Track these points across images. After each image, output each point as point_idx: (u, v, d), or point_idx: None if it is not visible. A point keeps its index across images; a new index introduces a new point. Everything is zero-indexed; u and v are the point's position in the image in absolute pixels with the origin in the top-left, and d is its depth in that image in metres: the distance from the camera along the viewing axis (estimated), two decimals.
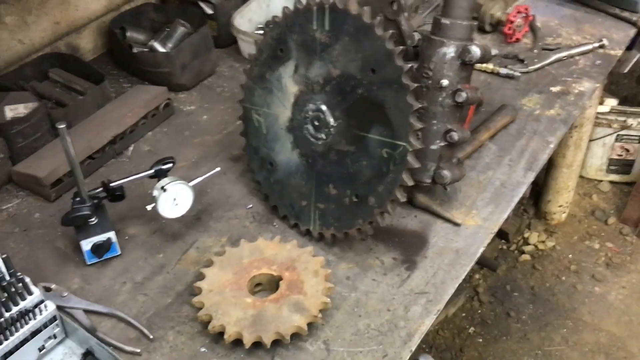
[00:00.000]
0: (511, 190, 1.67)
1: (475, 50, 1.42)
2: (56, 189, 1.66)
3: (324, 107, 1.45)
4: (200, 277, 1.39)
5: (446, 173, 1.51)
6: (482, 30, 2.26)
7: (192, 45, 2.00)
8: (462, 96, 1.45)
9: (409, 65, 1.30)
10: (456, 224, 1.57)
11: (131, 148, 1.84)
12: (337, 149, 1.44)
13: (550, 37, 2.26)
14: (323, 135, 1.46)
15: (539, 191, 3.26)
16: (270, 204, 1.62)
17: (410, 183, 1.34)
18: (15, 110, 1.69)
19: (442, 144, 1.51)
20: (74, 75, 1.99)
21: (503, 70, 2.06)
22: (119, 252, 1.51)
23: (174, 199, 1.46)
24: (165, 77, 2.00)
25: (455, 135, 1.48)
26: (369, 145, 1.39)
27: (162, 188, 1.43)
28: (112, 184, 1.49)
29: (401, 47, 1.31)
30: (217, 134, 1.89)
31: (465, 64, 1.45)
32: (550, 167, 3.07)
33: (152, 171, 1.49)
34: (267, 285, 1.41)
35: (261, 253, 1.44)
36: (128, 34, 2.11)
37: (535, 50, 2.15)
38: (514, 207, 1.64)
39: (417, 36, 1.53)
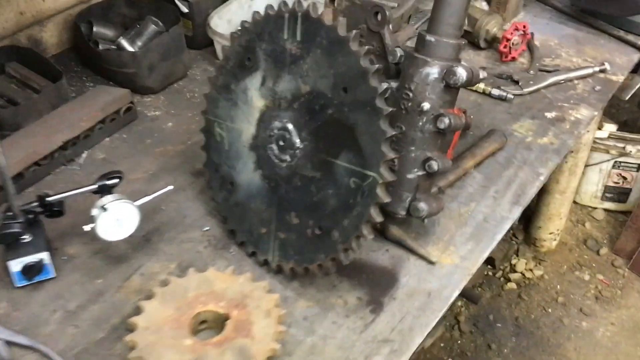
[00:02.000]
0: (494, 226, 1.52)
1: (461, 73, 1.27)
2: None
3: (290, 126, 1.30)
4: (138, 310, 1.24)
5: (422, 206, 1.36)
6: (476, 46, 2.11)
7: (161, 45, 1.84)
8: (445, 122, 1.30)
9: (385, 86, 1.15)
10: (431, 262, 1.42)
11: (84, 155, 1.68)
12: (301, 174, 1.29)
13: (548, 58, 2.12)
14: (288, 157, 1.31)
15: (529, 216, 3.12)
16: (228, 227, 1.47)
17: (379, 219, 1.19)
18: None
19: (420, 173, 1.36)
20: (32, 71, 1.83)
21: (495, 91, 1.91)
22: (54, 275, 1.36)
23: (117, 219, 1.31)
24: (131, 79, 1.85)
25: (434, 165, 1.33)
26: (336, 172, 1.23)
27: (103, 207, 1.28)
28: (49, 198, 1.33)
29: (377, 66, 1.15)
30: (181, 144, 1.74)
31: (450, 87, 1.30)
32: (542, 192, 2.93)
33: (95, 186, 1.34)
34: (213, 324, 1.25)
35: (210, 286, 1.28)
36: (95, 29, 1.96)
37: (531, 71, 2.00)
38: (495, 245, 1.49)
39: (399, 52, 1.38)
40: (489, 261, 3.00)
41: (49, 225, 1.40)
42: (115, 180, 1.35)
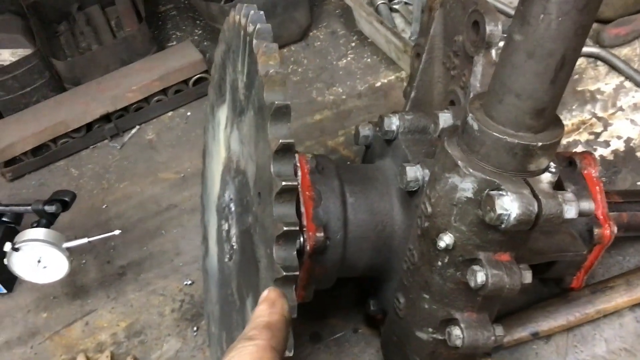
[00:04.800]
0: None
1: (507, 208, 0.62)
2: (13, 168, 1.32)
3: (232, 207, 0.82)
4: None
5: None
6: None
7: None
8: (476, 279, 0.68)
9: (284, 229, 0.59)
10: None
11: (133, 131, 1.39)
12: (232, 286, 0.82)
13: None
14: (229, 252, 0.84)
15: None
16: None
17: None
18: None
19: (438, 336, 0.77)
20: (134, 9, 1.56)
21: None
22: (5, 291, 1.14)
23: (39, 261, 1.01)
24: None
25: (458, 337, 0.73)
26: (245, 315, 0.74)
27: (14, 246, 0.98)
28: None
29: (284, 185, 0.60)
30: None
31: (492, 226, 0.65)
32: None
33: (28, 207, 1.04)
34: None
35: None
36: None
37: None
38: None
39: (442, 121, 0.75)
40: None
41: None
42: (54, 208, 1.02)
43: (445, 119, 0.75)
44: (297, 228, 0.60)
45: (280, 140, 0.60)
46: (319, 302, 1.01)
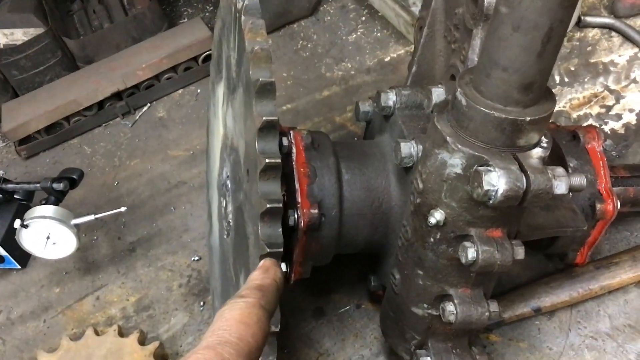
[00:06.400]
0: None
1: (497, 185, 0.61)
2: (28, 146, 1.34)
3: (229, 184, 0.83)
4: None
5: None
6: None
7: None
8: (468, 254, 0.68)
9: (268, 206, 0.60)
10: None
11: (145, 108, 1.40)
12: (230, 262, 0.83)
13: None
14: (226, 228, 0.85)
15: None
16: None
17: None
18: (10, 37, 1.37)
19: (433, 312, 0.77)
20: None
21: None
22: (18, 267, 1.17)
23: (48, 237, 1.03)
24: None
25: (451, 313, 0.73)
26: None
27: (23, 223, 1.00)
28: (4, 186, 1.10)
29: (269, 162, 0.60)
30: None
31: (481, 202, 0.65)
32: None
33: (37, 185, 1.06)
34: None
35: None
36: None
37: None
38: None
39: (435, 96, 0.74)
40: None
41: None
42: (61, 185, 1.04)
43: (438, 94, 0.75)
44: (281, 205, 0.60)
45: (264, 118, 0.60)
46: (323, 278, 1.03)
